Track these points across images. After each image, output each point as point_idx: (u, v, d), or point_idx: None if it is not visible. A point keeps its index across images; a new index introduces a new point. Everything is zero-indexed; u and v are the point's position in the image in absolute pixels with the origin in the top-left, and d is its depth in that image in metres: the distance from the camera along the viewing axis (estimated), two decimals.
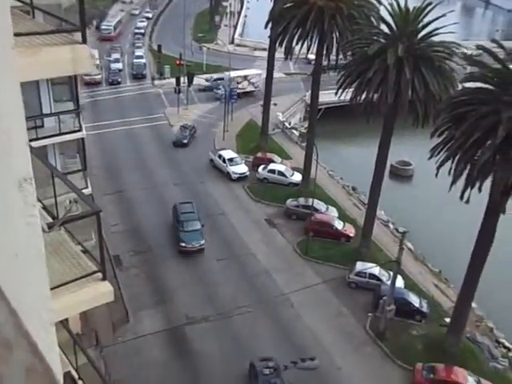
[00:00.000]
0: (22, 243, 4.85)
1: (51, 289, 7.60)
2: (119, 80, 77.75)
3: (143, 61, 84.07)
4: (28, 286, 5.02)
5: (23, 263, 4.86)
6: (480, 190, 27.31)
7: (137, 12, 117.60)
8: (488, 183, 27.12)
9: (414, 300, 35.76)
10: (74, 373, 11.84)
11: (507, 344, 35.27)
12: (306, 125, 57.02)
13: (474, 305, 34.37)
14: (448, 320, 33.89)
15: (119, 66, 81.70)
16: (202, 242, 40.84)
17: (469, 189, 27.55)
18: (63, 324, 11.71)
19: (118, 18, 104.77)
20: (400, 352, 32.95)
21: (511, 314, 37.11)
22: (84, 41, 6.81)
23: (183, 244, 40.43)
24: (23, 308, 4.98)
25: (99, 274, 8.99)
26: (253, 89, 72.92)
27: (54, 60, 6.69)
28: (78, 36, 7.10)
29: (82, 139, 27.24)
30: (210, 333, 33.62)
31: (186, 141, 58.50)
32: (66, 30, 6.82)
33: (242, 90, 70.81)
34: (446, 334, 32.86)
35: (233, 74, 70.01)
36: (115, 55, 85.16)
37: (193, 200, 44.88)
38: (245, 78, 72.26)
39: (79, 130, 26.45)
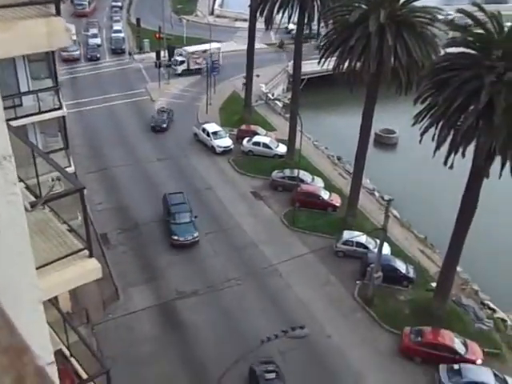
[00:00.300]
0: (4, 221, 4.79)
1: (38, 268, 7.55)
2: (98, 56, 76.45)
3: (122, 35, 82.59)
4: (13, 263, 4.98)
5: (6, 241, 4.81)
6: (463, 155, 27.46)
7: None
8: (471, 148, 27.26)
9: (401, 266, 36.22)
10: (65, 350, 11.87)
11: (492, 305, 35.96)
12: (290, 96, 56.74)
13: (459, 269, 34.90)
14: (434, 284, 34.42)
15: (97, 41, 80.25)
16: (196, 234, 39.06)
17: (452, 154, 27.68)
18: (53, 303, 11.69)
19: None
20: (388, 317, 33.48)
21: (495, 277, 37.83)
22: (58, 13, 6.63)
23: (175, 237, 38.70)
24: (9, 286, 4.95)
25: (86, 252, 8.94)
26: (197, 66, 70.37)
27: (28, 34, 6.51)
28: (52, 8, 6.92)
29: (63, 117, 26.86)
30: (201, 306, 33.84)
31: (165, 125, 56.05)
32: (39, 2, 6.62)
33: (200, 66, 69.48)
34: (433, 297, 33.40)
35: (191, 48, 68.86)
36: (93, 30, 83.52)
37: (181, 181, 44.74)
38: (204, 52, 69.67)
39: (59, 108, 26.05)
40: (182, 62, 69.30)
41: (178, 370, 29.63)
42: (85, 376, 11.35)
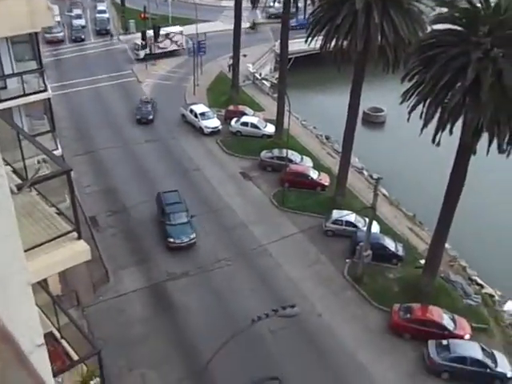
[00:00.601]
0: None
1: (26, 250, 7.53)
2: (83, 37, 75.46)
3: (106, 16, 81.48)
4: (0, 246, 4.95)
5: None
6: (451, 132, 27.54)
7: None
8: (459, 125, 27.34)
9: (390, 244, 36.49)
10: (56, 333, 11.90)
11: (480, 281, 36.43)
12: (277, 75, 56.44)
13: (447, 245, 35.24)
14: (423, 262, 34.74)
15: (82, 22, 79.08)
16: (193, 235, 36.92)
17: (440, 132, 27.76)
18: (42, 286, 11.69)
19: None
20: (377, 295, 33.81)
21: (483, 253, 38.28)
22: None
23: (171, 239, 36.50)
24: None
25: (74, 234, 8.93)
26: (176, 47, 69.62)
27: (10, 14, 6.41)
28: None
29: (49, 99, 26.63)
30: (191, 287, 33.96)
31: (151, 116, 53.55)
32: None
33: (163, 50, 68.37)
34: (421, 274, 33.72)
35: (152, 32, 67.67)
36: (77, 11, 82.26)
37: (169, 162, 44.40)
38: (166, 36, 68.48)
39: (44, 90, 25.80)
40: (143, 47, 67.15)
41: (169, 350, 29.81)
42: (76, 357, 11.40)
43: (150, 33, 66.60)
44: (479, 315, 32.89)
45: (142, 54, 67.13)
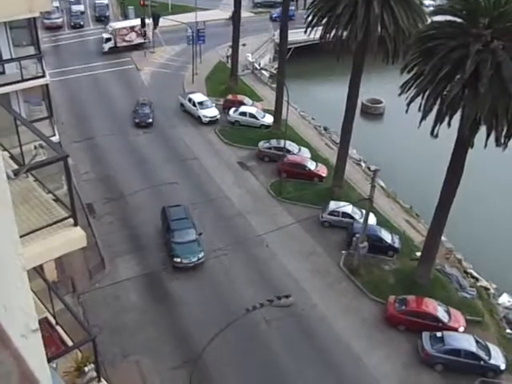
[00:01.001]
0: None
1: (22, 236, 7.52)
2: (82, 23, 74.96)
3: (105, 1, 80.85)
4: None
5: None
6: (449, 124, 27.54)
7: None
8: (457, 118, 27.32)
9: (386, 236, 36.56)
10: (51, 319, 11.92)
11: (475, 274, 36.57)
12: (276, 65, 56.24)
13: (443, 238, 35.32)
14: (419, 254, 34.85)
15: (81, 8, 78.53)
16: (201, 254, 34.25)
17: (438, 124, 27.75)
18: (38, 272, 11.69)
19: None
20: (373, 286, 33.93)
21: (479, 246, 38.40)
22: None
23: (177, 259, 33.79)
24: None
25: (70, 220, 8.92)
26: (142, 40, 67.10)
27: None
28: None
29: (47, 85, 26.49)
30: (187, 276, 34.01)
31: (150, 120, 50.44)
32: None
33: (129, 43, 66.62)
34: (417, 266, 33.85)
35: (117, 25, 66.65)
36: None
37: (167, 151, 44.23)
38: (132, 29, 66.52)
39: (42, 76, 25.67)
40: (108, 40, 65.67)
41: (164, 338, 29.93)
42: (70, 343, 11.43)
43: (115, 25, 65.86)
44: (474, 308, 33.04)
45: (106, 47, 65.91)
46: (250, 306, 23.36)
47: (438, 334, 29.69)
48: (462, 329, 30.74)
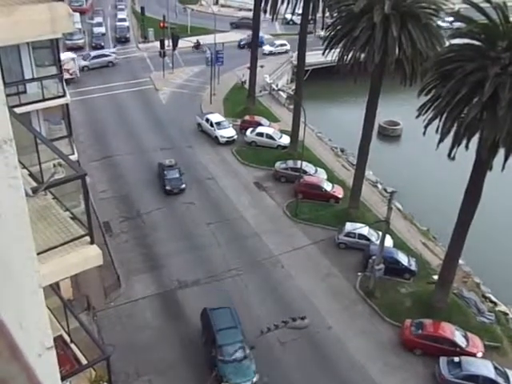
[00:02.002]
0: (4, 205, 4.79)
1: (39, 253, 7.59)
2: (102, 44, 76.26)
3: (126, 24, 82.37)
4: (13, 246, 4.99)
5: (7, 225, 4.82)
6: (467, 147, 27.37)
7: None
8: (475, 140, 27.16)
9: (403, 258, 36.20)
10: (66, 337, 11.94)
11: (493, 299, 35.97)
12: (294, 87, 56.53)
13: (461, 261, 34.86)
14: (436, 277, 34.41)
15: (102, 29, 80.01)
16: (255, 379, 27.66)
17: (456, 146, 27.59)
18: (54, 290, 11.75)
19: None
20: (389, 309, 33.53)
21: (497, 270, 37.81)
22: None
23: None
24: (10, 270, 4.97)
25: (87, 238, 8.98)
26: (68, 76, 60.69)
27: (31, 20, 6.50)
28: None
29: (67, 105, 26.87)
30: (202, 296, 33.91)
31: (183, 185, 43.91)
32: None
33: (70, 76, 61.31)
34: (434, 290, 33.40)
35: (64, 55, 64.91)
36: (98, 18, 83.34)
37: (184, 171, 44.14)
38: (72, 61, 62.71)
39: (63, 96, 26.06)
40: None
41: (178, 357, 29.76)
42: (85, 362, 11.43)
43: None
44: (492, 333, 32.45)
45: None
46: (265, 327, 23.24)
47: (456, 359, 29.16)
48: (480, 354, 30.17)
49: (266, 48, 74.47)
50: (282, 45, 75.70)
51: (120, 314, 32.24)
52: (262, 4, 50.14)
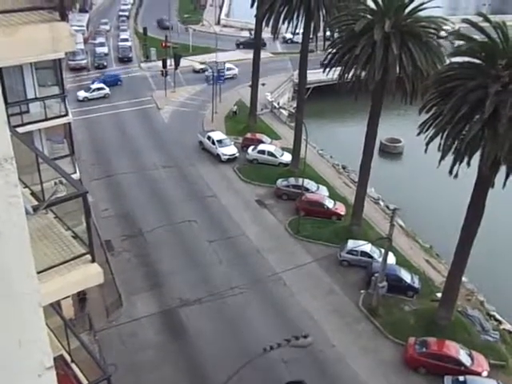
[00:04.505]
0: (4, 223, 4.79)
1: (40, 272, 7.56)
2: (105, 64, 76.97)
3: (129, 44, 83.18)
4: (13, 265, 4.97)
5: (7, 243, 4.81)
6: (469, 164, 27.39)
7: None
8: (477, 157, 27.19)
9: (406, 276, 36.01)
10: (67, 356, 11.85)
11: (498, 317, 35.65)
12: (295, 104, 56.80)
13: (464, 279, 34.68)
14: (439, 295, 34.18)
15: (105, 49, 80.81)
16: None
17: (457, 164, 27.61)
18: (55, 309, 11.70)
19: (86, 17, 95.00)
20: (392, 327, 33.26)
21: (501, 287, 37.58)
22: (63, 18, 6.67)
23: None
24: (9, 288, 4.94)
25: (88, 256, 8.95)
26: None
27: (33, 39, 6.55)
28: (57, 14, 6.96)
29: (69, 124, 27.04)
30: (204, 314, 33.73)
31: None
32: (43, 8, 6.67)
33: None
34: (438, 308, 33.17)
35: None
36: (100, 39, 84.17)
37: (186, 188, 44.23)
38: None
39: (65, 115, 26.25)
40: None
41: (180, 377, 29.49)
42: (85, 382, 11.33)
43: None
44: (497, 352, 32.12)
45: None
46: (268, 345, 23.00)
47: (461, 379, 28.82)
48: (485, 373, 29.83)
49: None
50: (229, 69, 70.06)
51: (122, 333, 32.02)
52: (264, 23, 50.57)
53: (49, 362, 5.77)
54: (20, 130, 20.48)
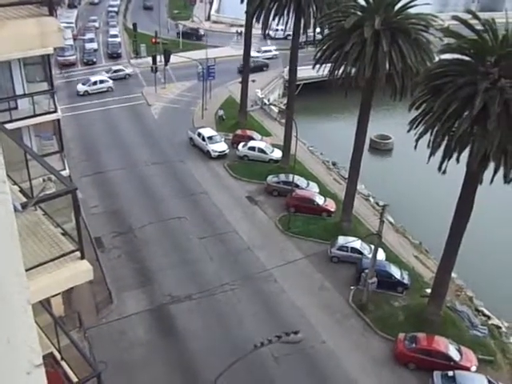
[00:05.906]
0: None
1: (28, 269, 7.51)
2: (94, 60, 76.53)
3: (118, 40, 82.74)
4: (1, 262, 4.93)
5: None
6: (458, 161, 27.52)
7: None
8: (466, 154, 27.32)
9: (396, 272, 36.18)
10: (56, 354, 11.79)
11: (486, 312, 35.94)
12: (285, 101, 56.81)
13: (453, 275, 34.88)
14: (429, 291, 34.37)
15: (94, 45, 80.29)
16: None
17: (446, 160, 27.74)
18: (45, 306, 11.63)
19: (75, 13, 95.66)
20: (382, 323, 33.42)
21: (490, 283, 37.86)
22: (51, 13, 6.61)
23: None
24: None
25: (77, 253, 8.90)
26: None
27: (21, 34, 6.49)
28: (45, 9, 6.89)
29: (58, 120, 26.83)
30: (195, 311, 33.71)
31: None
32: (31, 2, 6.60)
33: None
34: (427, 303, 33.36)
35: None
36: (89, 35, 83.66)
37: (176, 185, 44.26)
38: None
39: (54, 111, 26.03)
40: None
41: (171, 374, 29.47)
42: (75, 380, 11.28)
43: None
44: (486, 347, 32.38)
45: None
46: (258, 341, 23.03)
47: (450, 374, 29.03)
48: (474, 368, 30.07)
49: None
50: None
51: (112, 331, 31.92)
52: (254, 20, 50.52)
53: (38, 360, 5.73)
54: (9, 126, 20.30)
